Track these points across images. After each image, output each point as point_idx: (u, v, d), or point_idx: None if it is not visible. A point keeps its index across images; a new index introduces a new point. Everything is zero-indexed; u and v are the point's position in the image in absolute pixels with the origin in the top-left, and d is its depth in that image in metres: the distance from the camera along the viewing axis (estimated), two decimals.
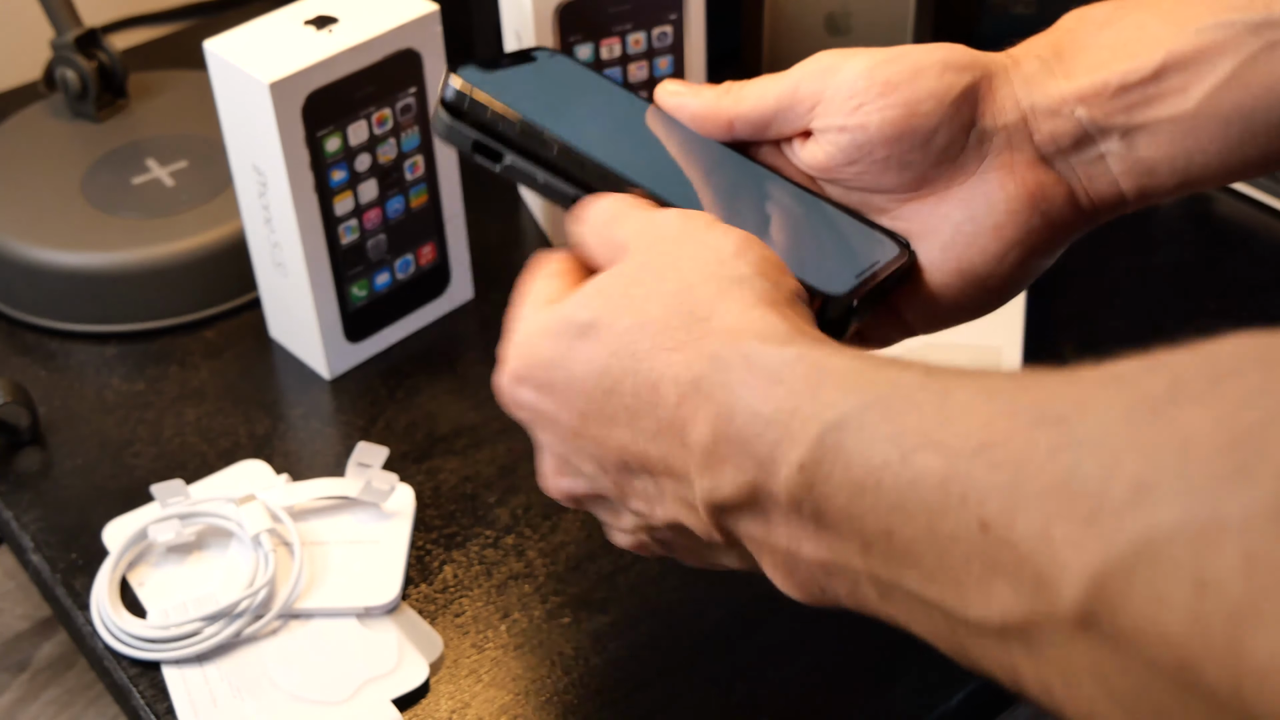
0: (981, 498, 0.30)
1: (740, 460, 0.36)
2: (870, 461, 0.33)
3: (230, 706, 0.56)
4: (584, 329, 0.41)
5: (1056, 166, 0.46)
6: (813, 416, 0.34)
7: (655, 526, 0.42)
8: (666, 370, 0.39)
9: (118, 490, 0.66)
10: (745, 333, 0.38)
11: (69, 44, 0.84)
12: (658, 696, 0.57)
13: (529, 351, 0.43)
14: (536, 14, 0.70)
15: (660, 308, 0.40)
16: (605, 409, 0.40)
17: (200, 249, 0.75)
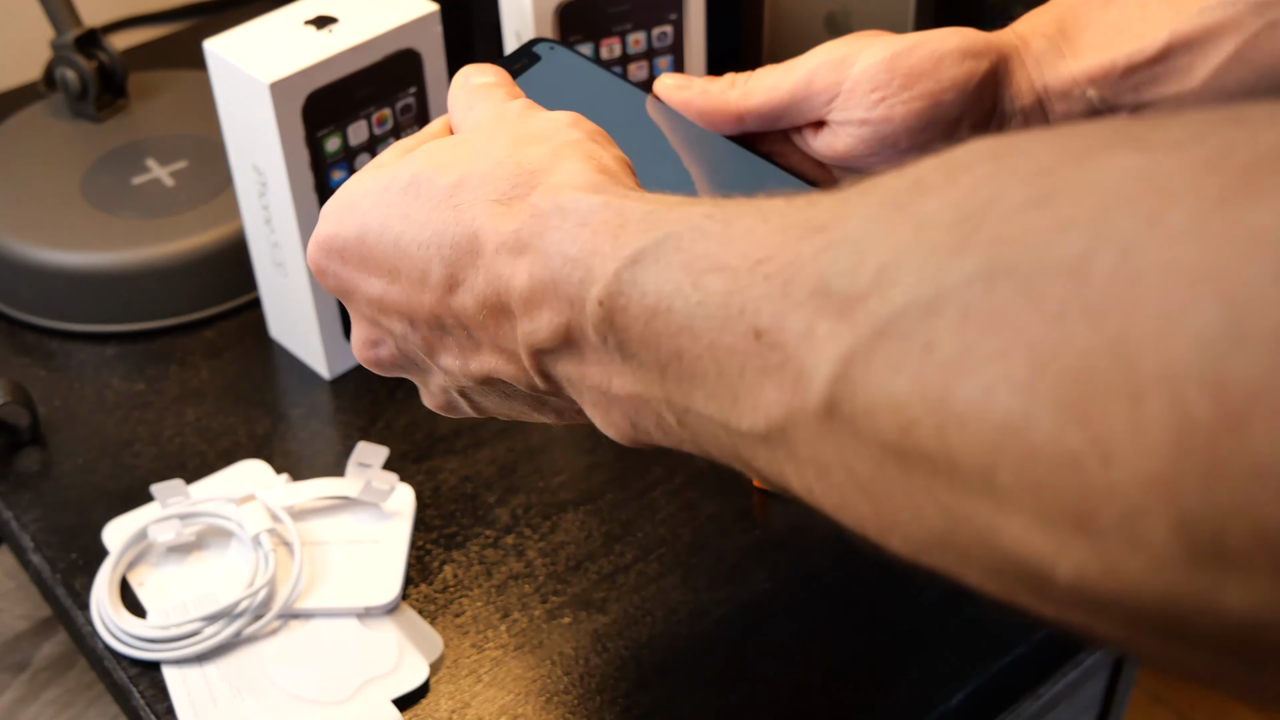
0: (756, 307, 0.32)
1: (554, 302, 0.37)
2: (662, 289, 0.34)
3: (230, 706, 0.56)
4: (406, 185, 0.41)
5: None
6: (611, 255, 0.36)
7: (466, 382, 0.43)
8: (488, 221, 0.39)
9: (118, 490, 0.66)
10: (564, 185, 0.39)
11: (69, 44, 0.84)
12: (658, 696, 0.57)
13: (343, 215, 0.43)
14: (536, 14, 0.70)
15: (488, 162, 0.40)
16: (420, 264, 0.41)
17: (200, 249, 0.75)
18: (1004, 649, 0.58)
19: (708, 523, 0.64)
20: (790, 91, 0.47)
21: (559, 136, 0.41)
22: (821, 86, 0.47)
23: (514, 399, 0.43)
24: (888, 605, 0.60)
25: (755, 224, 0.33)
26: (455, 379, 0.43)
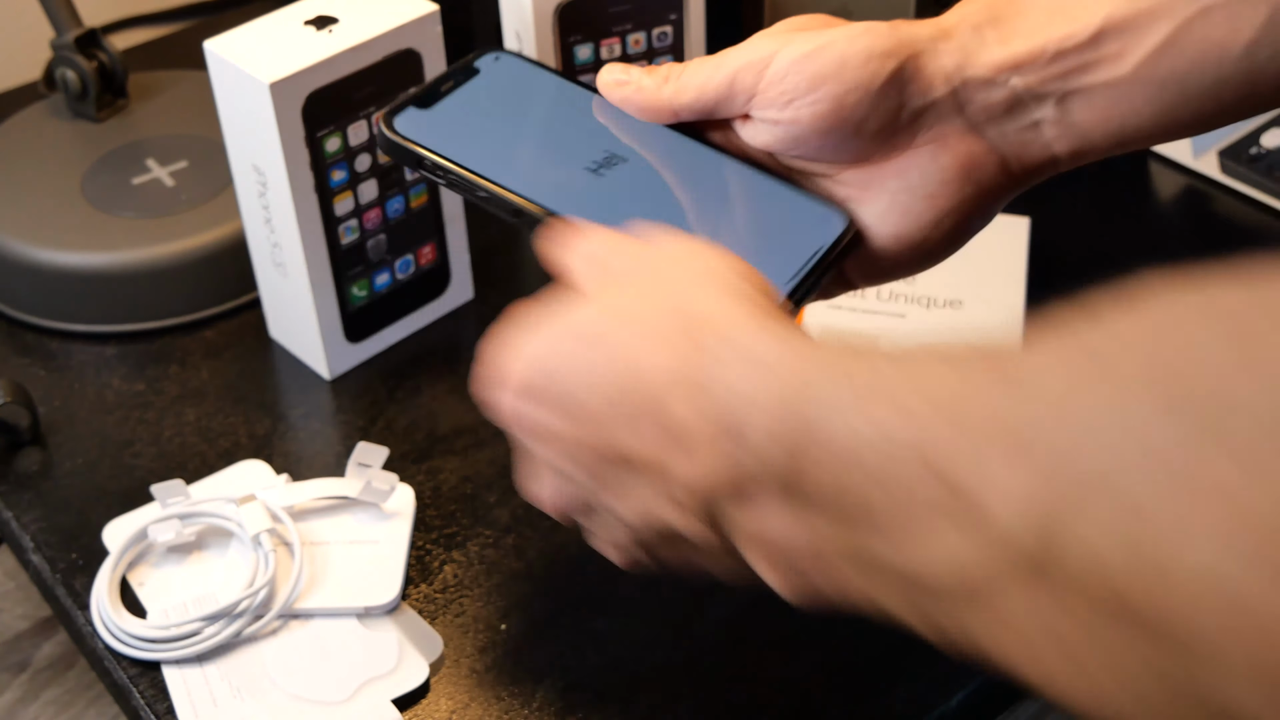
0: (936, 448, 0.32)
1: (723, 442, 0.37)
2: (835, 426, 0.34)
3: (230, 706, 0.56)
4: (592, 341, 0.41)
5: (988, 135, 0.47)
6: (783, 391, 0.36)
7: (643, 532, 0.43)
8: (645, 358, 0.40)
9: (118, 490, 0.66)
10: (729, 323, 0.39)
11: (69, 44, 0.84)
12: (658, 696, 0.57)
13: (537, 366, 0.42)
14: (536, 14, 0.70)
15: (659, 314, 0.41)
16: (604, 415, 0.41)
17: (200, 249, 0.75)
18: None
19: None
20: (715, 90, 0.49)
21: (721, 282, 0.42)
22: (741, 87, 0.48)
23: (689, 552, 0.43)
24: None
25: (936, 367, 0.34)
26: (636, 530, 0.43)
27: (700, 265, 0.43)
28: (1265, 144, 0.82)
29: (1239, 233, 0.80)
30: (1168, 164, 0.85)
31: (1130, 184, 0.84)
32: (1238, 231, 0.80)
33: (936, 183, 0.47)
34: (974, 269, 0.72)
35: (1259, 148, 0.82)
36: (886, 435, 0.33)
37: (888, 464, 0.33)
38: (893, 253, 0.49)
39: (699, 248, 0.44)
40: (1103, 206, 0.82)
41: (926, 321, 0.69)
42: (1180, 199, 0.83)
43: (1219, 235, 0.80)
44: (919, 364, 0.34)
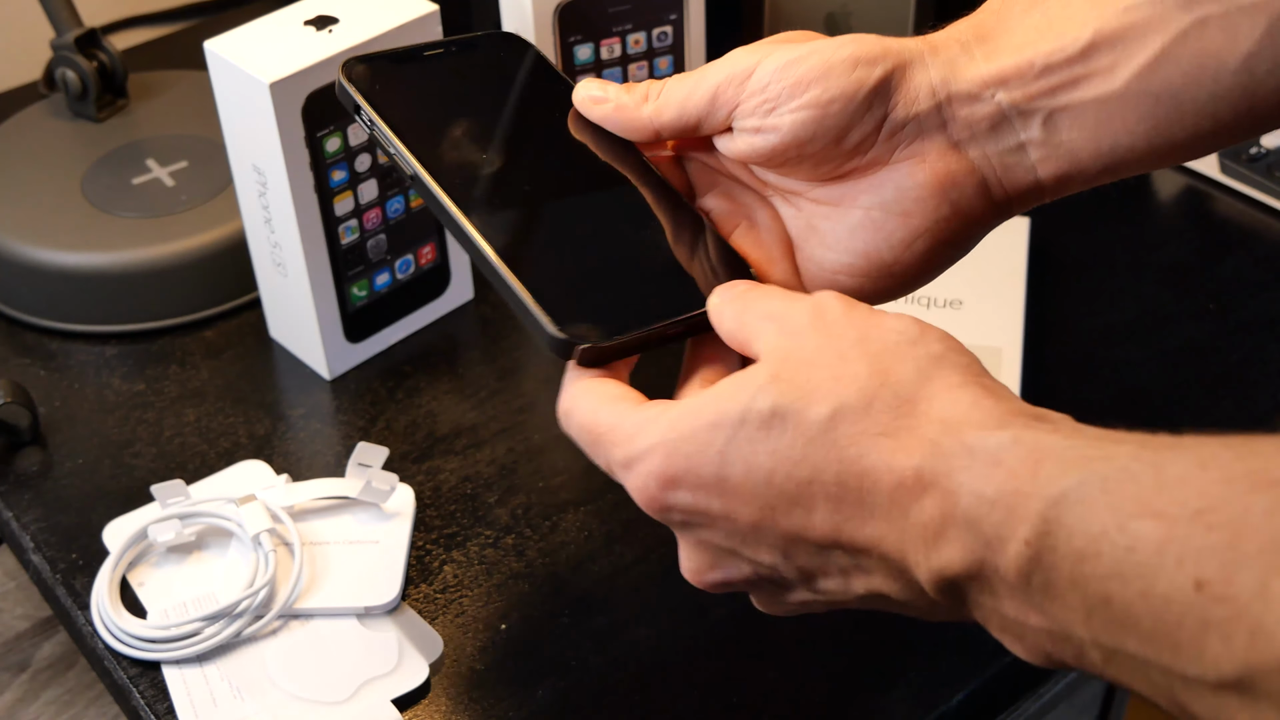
0: (1197, 559, 0.31)
1: (967, 540, 0.37)
2: (1090, 531, 0.34)
3: (230, 706, 0.56)
4: (767, 419, 0.39)
5: (970, 154, 0.46)
6: (1034, 494, 0.35)
7: (843, 598, 0.42)
8: (879, 458, 0.38)
9: (118, 490, 0.66)
10: (960, 421, 0.38)
11: (69, 44, 0.84)
12: (658, 696, 0.57)
13: (686, 450, 0.40)
14: (536, 14, 0.70)
15: (856, 391, 0.39)
16: (801, 498, 0.39)
17: (200, 249, 0.75)
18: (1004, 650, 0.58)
19: None
20: (697, 106, 0.47)
21: (919, 352, 0.40)
22: (723, 100, 0.46)
23: (891, 607, 0.42)
24: None
25: (1191, 470, 0.33)
26: (830, 597, 0.42)
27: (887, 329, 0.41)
28: (1265, 144, 0.82)
29: (1239, 233, 0.80)
30: None
31: (1130, 184, 0.84)
32: (1238, 231, 0.80)
33: (911, 199, 0.46)
34: (974, 269, 0.72)
35: (1259, 148, 0.82)
36: (1153, 551, 0.32)
37: (1154, 582, 0.32)
38: (860, 270, 0.47)
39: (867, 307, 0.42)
40: (1103, 206, 0.82)
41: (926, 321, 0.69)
42: (1180, 199, 0.83)
43: (1219, 235, 0.80)
44: (1172, 465, 0.34)
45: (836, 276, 0.47)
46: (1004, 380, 0.66)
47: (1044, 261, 0.77)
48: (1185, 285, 0.76)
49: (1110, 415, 0.68)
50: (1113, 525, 0.33)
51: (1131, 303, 0.75)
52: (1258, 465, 0.32)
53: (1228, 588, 0.31)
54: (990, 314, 0.70)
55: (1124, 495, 0.34)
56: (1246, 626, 0.30)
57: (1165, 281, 0.77)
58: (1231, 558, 0.31)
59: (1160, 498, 0.33)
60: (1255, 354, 0.72)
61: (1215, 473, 0.33)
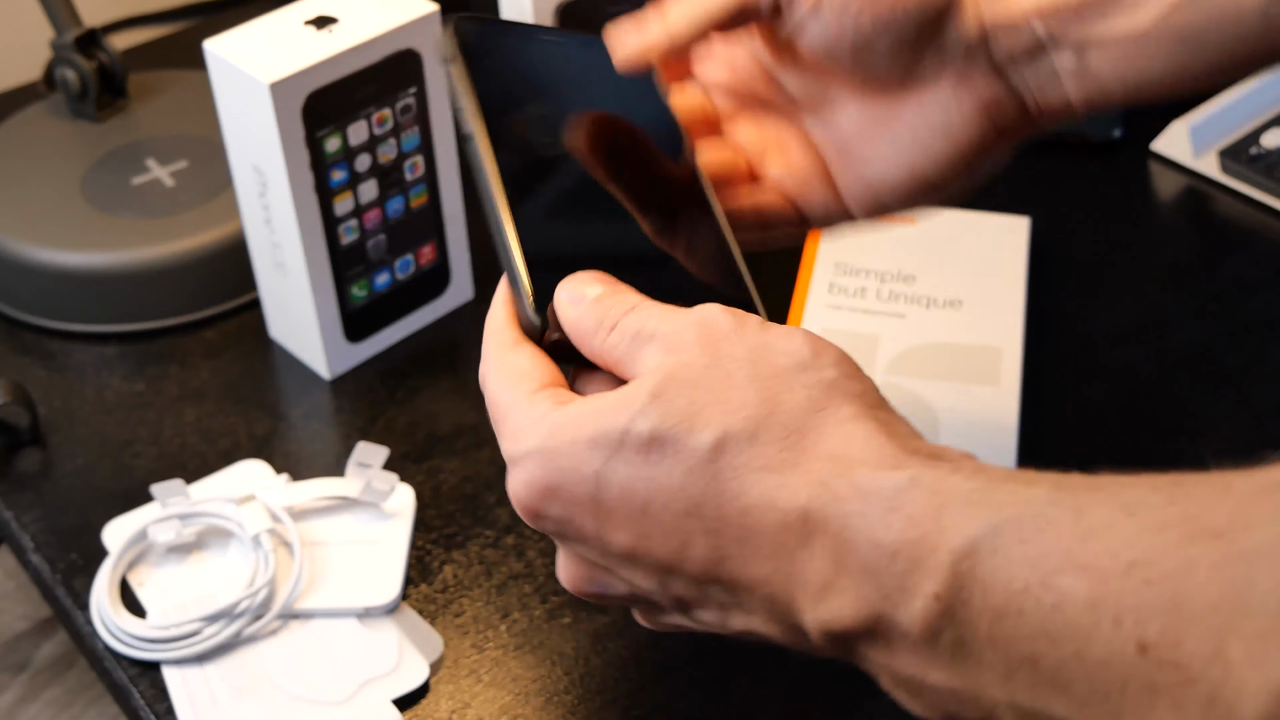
0: (1137, 618, 0.29)
1: (862, 591, 0.34)
2: (1010, 587, 0.31)
3: (230, 706, 0.56)
4: (647, 443, 0.37)
5: (1010, 78, 0.47)
6: (940, 545, 0.33)
7: (720, 630, 0.41)
8: (763, 494, 0.36)
9: (118, 490, 0.66)
10: (852, 459, 0.36)
11: (69, 44, 0.84)
12: (658, 696, 0.57)
13: (562, 465, 0.38)
14: (536, 14, 0.70)
15: (743, 420, 0.37)
16: (678, 530, 0.37)
17: (200, 249, 0.75)
18: None
19: None
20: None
21: (809, 378, 0.38)
22: None
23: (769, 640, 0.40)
24: None
25: (1116, 516, 0.31)
26: (707, 628, 0.41)
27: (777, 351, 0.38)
28: (1265, 144, 0.82)
29: (1239, 233, 0.80)
30: (1168, 164, 0.85)
31: (1130, 184, 0.84)
32: (1238, 231, 0.80)
33: (958, 120, 0.47)
34: (974, 269, 0.73)
35: (1259, 148, 0.82)
36: (1084, 609, 0.30)
37: (1090, 644, 0.30)
38: (905, 187, 0.48)
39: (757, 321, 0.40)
40: (1103, 206, 0.82)
41: (926, 321, 0.69)
42: (1180, 199, 0.83)
43: (1219, 235, 0.80)
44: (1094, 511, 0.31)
45: (880, 194, 0.49)
46: (1004, 380, 0.66)
47: (1044, 261, 0.77)
48: (1185, 285, 0.76)
49: (1110, 415, 0.68)
50: (1035, 580, 0.31)
51: (1132, 303, 0.75)
52: (1191, 511, 0.30)
53: (1176, 651, 0.28)
54: (990, 314, 0.70)
55: (1044, 546, 0.31)
56: (1202, 694, 0.28)
57: (1165, 281, 0.77)
58: (1177, 618, 0.28)
59: (1086, 548, 0.31)
60: (1255, 354, 0.72)
61: (1145, 519, 0.30)
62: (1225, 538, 0.29)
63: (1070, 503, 0.32)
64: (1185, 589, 0.29)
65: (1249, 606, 0.27)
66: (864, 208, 0.50)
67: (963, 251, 0.74)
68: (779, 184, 0.50)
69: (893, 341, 0.68)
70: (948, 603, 0.33)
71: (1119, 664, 0.29)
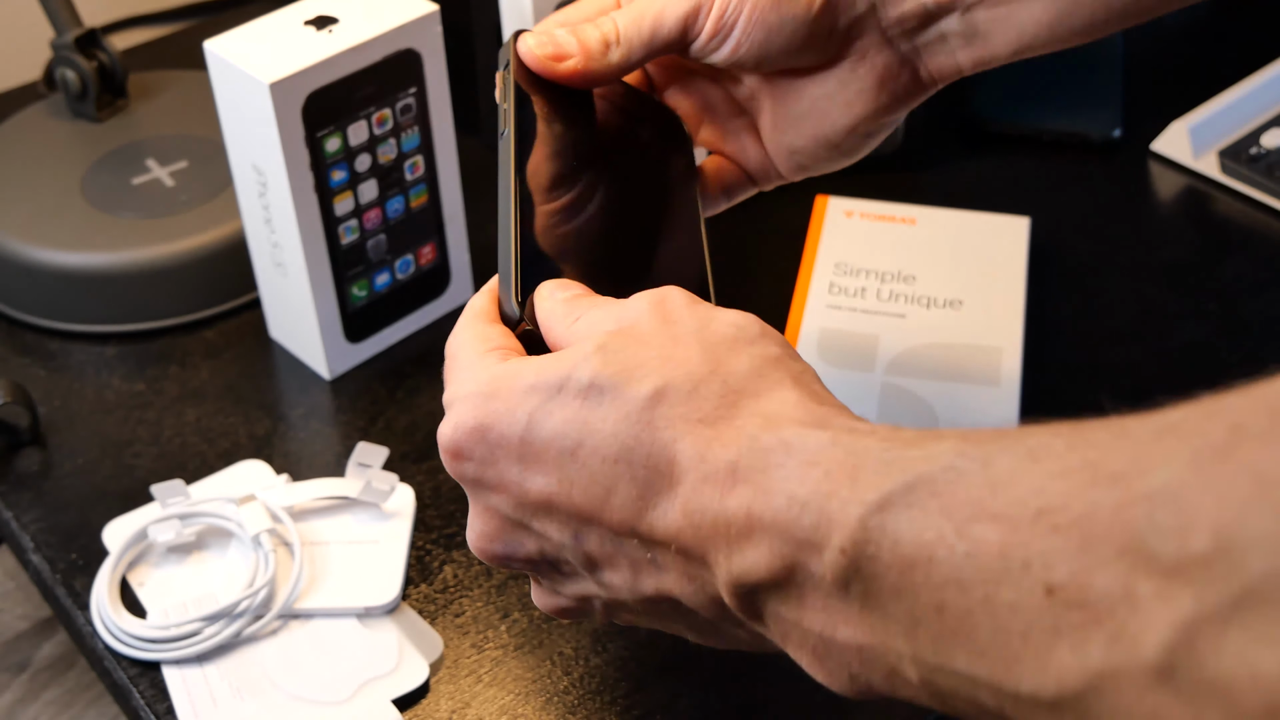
0: (1045, 562, 0.30)
1: (775, 543, 0.35)
2: (921, 537, 0.32)
3: (230, 706, 0.56)
4: (585, 390, 0.38)
5: (901, 48, 0.51)
6: (852, 499, 0.34)
7: (627, 598, 0.41)
8: (693, 445, 0.37)
9: (118, 490, 0.66)
10: (784, 418, 0.37)
11: (69, 44, 0.84)
12: (658, 696, 0.57)
13: (496, 407, 0.39)
14: (536, 14, 0.70)
15: (683, 374, 0.38)
16: (604, 477, 0.38)
17: (200, 249, 0.75)
18: None
19: None
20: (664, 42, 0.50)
21: (755, 350, 0.39)
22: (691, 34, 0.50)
23: (674, 619, 0.41)
24: None
25: (1022, 465, 0.31)
26: (613, 593, 0.41)
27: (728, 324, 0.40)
28: (1265, 144, 0.83)
29: (1239, 233, 0.80)
30: (1168, 164, 0.85)
31: (1130, 184, 0.84)
32: (1238, 231, 0.80)
33: (854, 92, 0.51)
34: (974, 269, 0.73)
35: (1259, 148, 0.82)
36: (995, 555, 0.30)
37: (999, 589, 0.30)
38: (813, 151, 0.53)
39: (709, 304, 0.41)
40: (1103, 206, 0.82)
41: (926, 321, 0.69)
42: (1180, 199, 0.83)
43: (1219, 235, 0.80)
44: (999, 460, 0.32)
45: (794, 155, 0.53)
46: (1004, 380, 0.66)
47: (1044, 261, 0.77)
48: (1185, 285, 0.76)
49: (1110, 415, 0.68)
50: (950, 530, 0.31)
51: (1132, 303, 0.75)
52: (1093, 456, 0.30)
53: (1083, 593, 0.29)
54: (990, 314, 0.70)
55: (956, 498, 0.32)
56: (1106, 633, 0.28)
57: (1165, 281, 0.77)
58: (1086, 562, 0.29)
59: (996, 498, 0.31)
60: (1255, 354, 0.72)
61: (1048, 464, 0.31)
62: (1125, 478, 0.29)
63: (977, 453, 0.33)
64: (1092, 532, 0.29)
65: (1151, 545, 0.28)
66: (789, 169, 0.54)
67: (963, 251, 0.74)
68: (717, 160, 0.55)
69: (893, 341, 0.68)
70: (853, 555, 0.33)
71: (1025, 608, 0.30)
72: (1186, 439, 0.29)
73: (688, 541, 0.37)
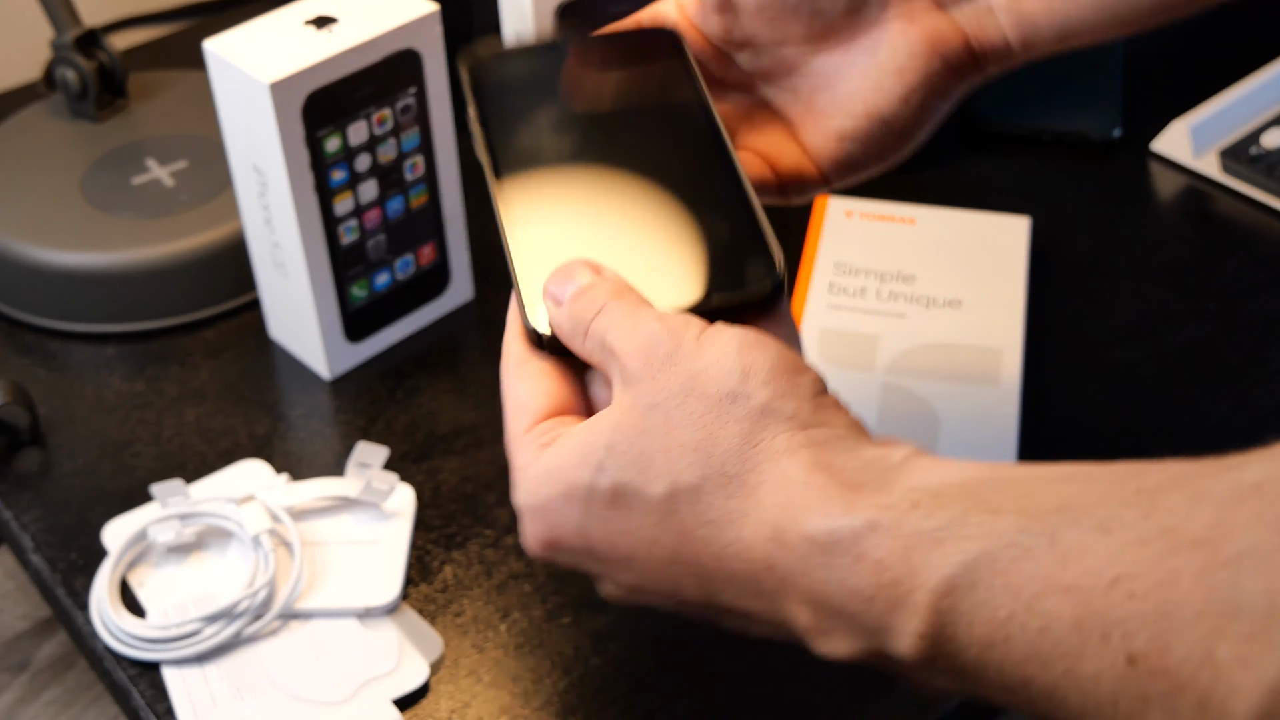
0: (1126, 631, 0.29)
1: (852, 631, 0.35)
2: (995, 616, 0.32)
3: (230, 706, 0.56)
4: (612, 498, 0.39)
5: (951, 12, 0.48)
6: (915, 586, 0.33)
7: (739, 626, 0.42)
8: (725, 547, 0.37)
9: (118, 490, 0.66)
10: (795, 507, 0.36)
11: (69, 44, 0.84)
12: (658, 696, 0.57)
13: (551, 520, 0.41)
14: (536, 14, 0.70)
15: (685, 468, 0.38)
16: (668, 576, 0.39)
17: (200, 249, 0.75)
18: None
19: None
20: None
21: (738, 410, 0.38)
22: None
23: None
24: None
25: (1093, 537, 0.31)
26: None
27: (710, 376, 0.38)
28: (1265, 144, 0.82)
29: (1239, 233, 0.80)
30: (1168, 164, 0.85)
31: (1130, 184, 0.84)
32: (1238, 231, 0.80)
33: (905, 55, 0.48)
34: (974, 269, 0.73)
35: (1259, 148, 0.82)
36: (1069, 629, 0.30)
37: (1079, 662, 0.30)
38: (866, 131, 0.49)
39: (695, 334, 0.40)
40: (1103, 206, 0.82)
41: (926, 321, 0.69)
42: (1180, 199, 0.83)
43: (1219, 235, 0.80)
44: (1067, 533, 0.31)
45: (843, 143, 0.49)
46: (1004, 381, 0.66)
47: (1044, 261, 0.77)
48: (1185, 285, 0.76)
49: (1110, 415, 0.68)
50: (1019, 607, 0.31)
51: (1131, 303, 0.75)
52: (1169, 523, 0.30)
53: (1165, 659, 0.29)
54: (990, 314, 0.70)
55: (1023, 574, 0.31)
56: (1193, 700, 0.28)
57: (1165, 281, 0.77)
58: (1165, 627, 0.29)
59: (1066, 571, 0.31)
60: (1255, 354, 0.72)
61: (1122, 536, 0.31)
62: (1208, 545, 0.29)
63: (1041, 529, 0.32)
64: (1171, 598, 0.29)
65: (1236, 610, 0.28)
66: (834, 164, 0.50)
67: (963, 251, 0.74)
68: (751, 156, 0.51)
69: (893, 341, 0.68)
70: (933, 639, 0.33)
71: (1109, 678, 0.30)
72: (1271, 502, 0.29)
73: (772, 619, 0.38)
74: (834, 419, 0.38)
